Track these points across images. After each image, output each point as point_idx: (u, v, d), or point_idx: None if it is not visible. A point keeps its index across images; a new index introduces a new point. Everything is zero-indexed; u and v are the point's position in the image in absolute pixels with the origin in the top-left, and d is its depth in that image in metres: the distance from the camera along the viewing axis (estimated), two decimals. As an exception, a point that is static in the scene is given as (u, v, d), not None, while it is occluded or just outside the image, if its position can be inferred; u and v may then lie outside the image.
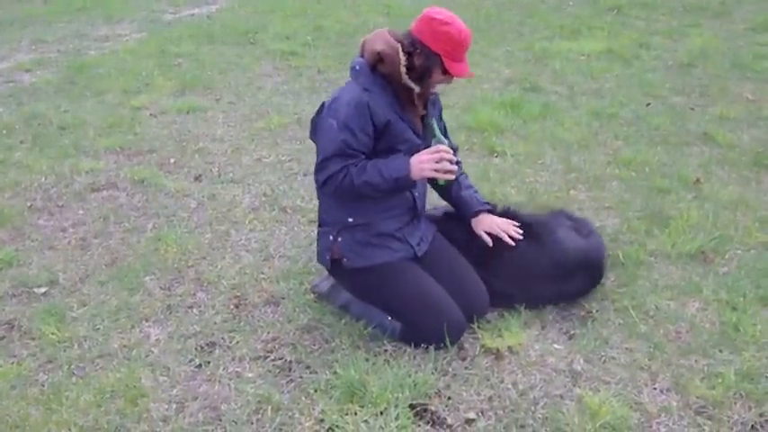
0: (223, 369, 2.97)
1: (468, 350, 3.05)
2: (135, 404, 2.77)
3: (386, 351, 3.04)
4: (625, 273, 3.56)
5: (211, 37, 9.01)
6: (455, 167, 2.95)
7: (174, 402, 2.79)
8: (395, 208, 3.12)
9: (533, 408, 2.73)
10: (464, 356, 3.01)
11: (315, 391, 2.81)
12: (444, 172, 2.91)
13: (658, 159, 4.98)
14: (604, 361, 2.98)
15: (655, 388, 2.83)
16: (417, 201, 3.18)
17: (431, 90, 3.10)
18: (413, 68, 2.93)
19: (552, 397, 2.78)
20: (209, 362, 3.02)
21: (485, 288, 3.21)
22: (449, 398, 2.78)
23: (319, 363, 2.98)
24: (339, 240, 3.12)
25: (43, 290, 3.56)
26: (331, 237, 3.15)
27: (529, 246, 3.30)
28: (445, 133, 3.28)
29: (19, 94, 6.77)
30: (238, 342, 3.14)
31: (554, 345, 3.09)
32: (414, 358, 2.99)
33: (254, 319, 3.30)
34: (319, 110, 3.09)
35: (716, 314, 3.27)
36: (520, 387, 2.83)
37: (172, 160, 5.13)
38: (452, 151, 2.95)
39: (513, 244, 3.26)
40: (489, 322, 3.21)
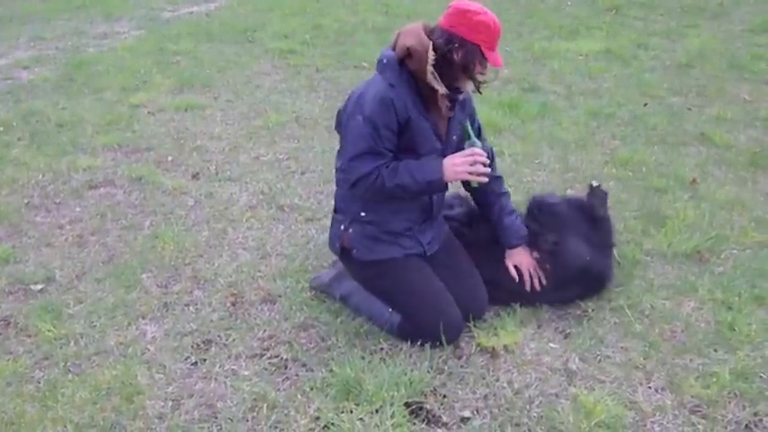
0: (219, 367, 2.98)
1: (463, 349, 3.06)
2: (131, 401, 2.77)
3: (382, 349, 3.05)
4: (621, 272, 3.56)
5: (210, 35, 9.01)
6: (488, 170, 2.94)
7: (170, 400, 2.79)
8: (409, 210, 3.12)
9: (528, 406, 2.73)
10: (460, 355, 3.02)
11: (311, 389, 2.82)
12: (478, 175, 2.92)
13: (655, 159, 4.98)
14: (599, 360, 2.99)
15: (650, 387, 2.83)
16: (434, 204, 3.18)
17: (461, 89, 3.05)
18: (452, 64, 2.89)
19: (547, 395, 2.79)
20: (205, 359, 3.02)
21: (485, 291, 3.23)
22: (444, 396, 2.78)
23: (315, 361, 2.99)
24: (350, 231, 3.13)
25: (40, 287, 3.57)
26: (342, 226, 3.15)
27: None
28: (479, 135, 3.28)
29: (17, 91, 6.76)
30: (234, 340, 3.14)
31: (549, 344, 3.10)
32: (410, 356, 3.00)
33: (250, 317, 3.31)
34: (347, 102, 3.05)
35: (711, 313, 3.28)
36: (515, 386, 2.84)
37: (169, 158, 5.13)
38: (486, 154, 2.95)
39: (535, 290, 3.28)
40: (485, 321, 3.22)
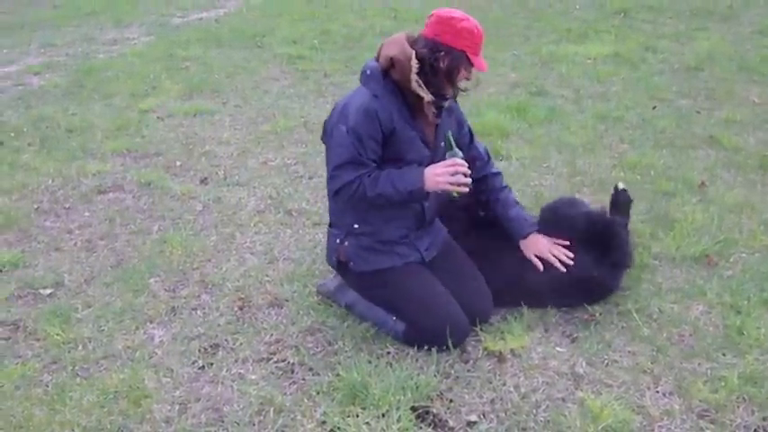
0: (226, 371, 2.98)
1: (470, 353, 3.05)
2: (138, 405, 2.78)
3: (388, 353, 3.05)
4: (629, 276, 3.54)
5: (219, 41, 9.05)
6: (469, 180, 2.93)
7: (177, 403, 2.80)
8: (402, 218, 3.12)
9: (535, 411, 2.73)
10: (466, 359, 3.01)
11: (317, 393, 2.82)
12: (459, 185, 2.91)
13: (664, 162, 4.97)
14: (607, 364, 2.98)
15: (657, 391, 2.82)
16: (426, 211, 3.17)
17: (447, 94, 3.05)
18: (437, 71, 2.92)
19: (554, 400, 2.78)
20: (212, 363, 3.03)
21: (490, 294, 3.22)
22: (450, 400, 2.78)
23: (322, 365, 2.99)
24: (345, 244, 3.14)
25: (49, 291, 3.58)
26: (338, 240, 3.16)
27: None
28: (471, 139, 3.30)
29: (27, 97, 6.82)
30: (242, 344, 3.15)
31: (557, 348, 3.09)
32: (416, 361, 2.99)
33: (257, 322, 3.31)
34: (332, 112, 3.07)
35: (720, 317, 3.27)
36: (522, 390, 2.83)
37: (178, 163, 5.15)
38: (467, 164, 2.94)
39: (564, 269, 3.25)
40: (492, 325, 3.21)
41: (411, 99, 2.97)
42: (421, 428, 2.64)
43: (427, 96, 2.92)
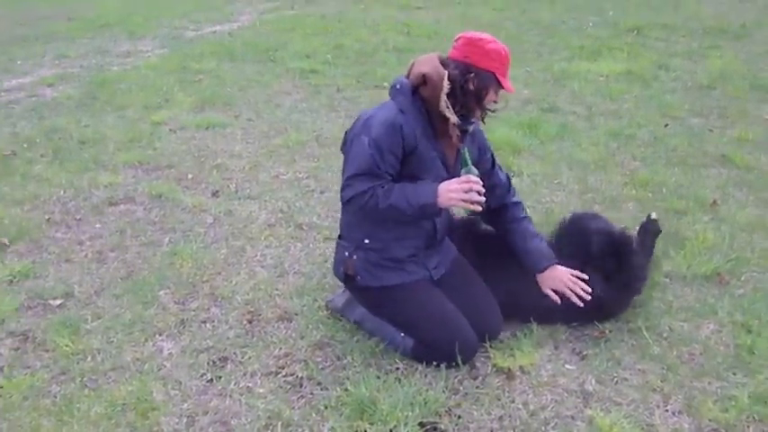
0: (234, 384, 2.98)
1: (479, 369, 3.04)
2: (146, 417, 2.78)
3: (397, 369, 3.04)
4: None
5: (232, 54, 9.09)
6: (482, 199, 2.88)
7: (185, 416, 2.80)
8: (413, 237, 3.11)
9: (544, 428, 2.71)
10: (475, 375, 3.00)
11: (325, 408, 2.81)
12: (472, 203, 2.87)
13: (675, 180, 4.96)
14: (616, 382, 2.96)
15: (667, 410, 2.80)
16: (438, 230, 3.17)
17: (473, 118, 3.03)
18: (467, 93, 2.91)
19: (563, 417, 2.77)
20: (220, 377, 3.02)
21: (499, 311, 3.20)
22: (459, 417, 2.77)
23: (330, 380, 2.98)
24: (354, 258, 3.13)
25: (59, 302, 3.59)
26: (347, 253, 3.15)
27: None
28: (493, 165, 3.29)
29: (41, 109, 6.86)
30: (250, 357, 3.14)
31: (566, 365, 3.07)
32: (425, 376, 2.98)
33: (266, 335, 3.31)
34: (355, 123, 3.05)
35: (730, 336, 3.25)
36: (531, 407, 2.82)
37: (190, 176, 5.17)
38: (482, 182, 2.90)
39: (582, 304, 3.21)
40: (501, 341, 3.20)
41: (436, 119, 2.96)
42: (429, 445, 2.64)
43: (453, 118, 2.90)
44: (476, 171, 2.94)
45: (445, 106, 2.88)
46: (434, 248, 3.21)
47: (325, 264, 3.88)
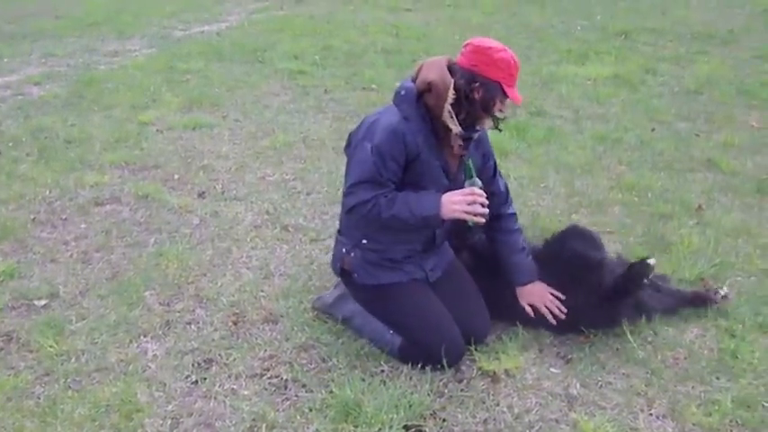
0: (219, 386, 2.97)
1: (464, 372, 3.04)
2: (130, 419, 2.77)
3: (382, 371, 3.04)
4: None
5: (220, 54, 9.07)
6: (486, 211, 2.88)
7: (170, 418, 2.79)
8: (412, 241, 3.12)
9: (528, 431, 2.72)
10: (460, 378, 3.01)
11: (310, 410, 2.81)
12: (475, 215, 2.86)
13: (661, 185, 4.98)
14: (601, 386, 2.97)
15: (651, 414, 2.82)
16: (437, 237, 3.17)
17: (479, 127, 3.03)
18: (472, 102, 2.89)
19: (548, 421, 2.78)
20: (205, 378, 3.02)
21: (488, 316, 3.22)
22: (444, 420, 2.77)
23: (315, 382, 2.98)
24: (352, 255, 3.14)
25: (43, 302, 3.57)
26: (345, 249, 3.16)
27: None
28: (494, 173, 3.28)
29: (27, 107, 6.82)
30: (235, 359, 3.14)
31: (551, 369, 3.08)
32: (410, 379, 2.98)
33: (251, 337, 3.30)
34: (359, 126, 3.04)
35: (714, 341, 3.27)
36: (515, 410, 2.83)
37: (176, 176, 5.15)
38: (485, 194, 2.90)
39: (555, 323, 3.22)
40: (487, 345, 3.20)
41: (439, 127, 2.94)
42: (413, 448, 2.64)
43: (455, 129, 2.89)
44: (479, 183, 2.93)
45: (449, 116, 2.86)
46: (432, 251, 3.21)
47: (310, 266, 3.88)
